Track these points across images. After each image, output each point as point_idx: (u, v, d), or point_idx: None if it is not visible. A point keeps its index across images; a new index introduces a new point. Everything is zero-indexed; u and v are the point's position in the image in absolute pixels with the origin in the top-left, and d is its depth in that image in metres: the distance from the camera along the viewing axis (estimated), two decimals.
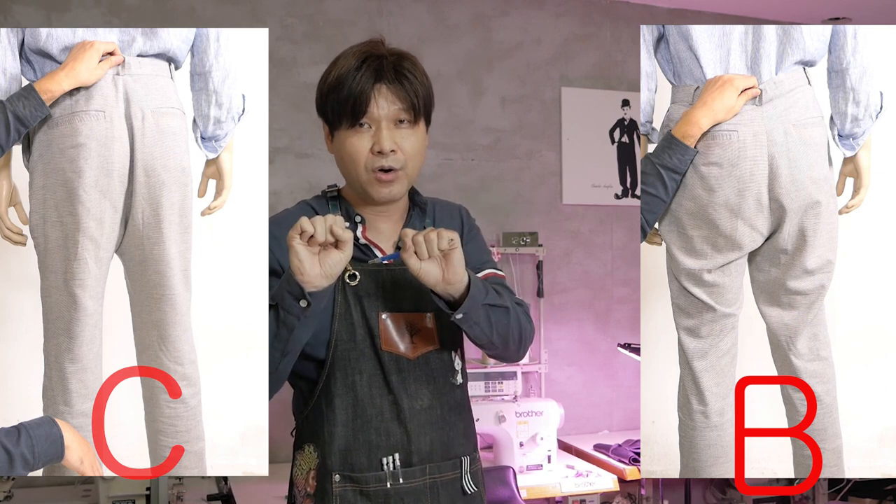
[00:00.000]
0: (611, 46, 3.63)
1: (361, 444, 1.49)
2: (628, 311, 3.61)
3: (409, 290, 1.53)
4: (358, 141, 1.47)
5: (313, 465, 1.50)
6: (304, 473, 1.51)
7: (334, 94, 1.47)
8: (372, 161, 1.47)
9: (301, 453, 1.54)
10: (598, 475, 2.89)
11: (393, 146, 1.47)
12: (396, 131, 1.48)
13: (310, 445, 1.52)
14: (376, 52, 1.48)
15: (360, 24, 3.23)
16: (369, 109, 1.45)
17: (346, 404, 1.49)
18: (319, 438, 1.50)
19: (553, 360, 3.49)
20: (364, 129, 1.47)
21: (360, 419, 1.49)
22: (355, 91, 1.44)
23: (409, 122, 1.50)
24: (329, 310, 1.47)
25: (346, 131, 1.48)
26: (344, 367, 1.49)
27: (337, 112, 1.48)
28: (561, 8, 3.54)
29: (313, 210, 1.58)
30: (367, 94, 1.44)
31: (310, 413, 1.52)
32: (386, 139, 1.45)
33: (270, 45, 2.93)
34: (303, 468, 1.51)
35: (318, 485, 1.49)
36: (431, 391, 1.54)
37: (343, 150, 1.50)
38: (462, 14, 3.40)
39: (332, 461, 1.49)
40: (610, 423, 3.62)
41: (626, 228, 3.63)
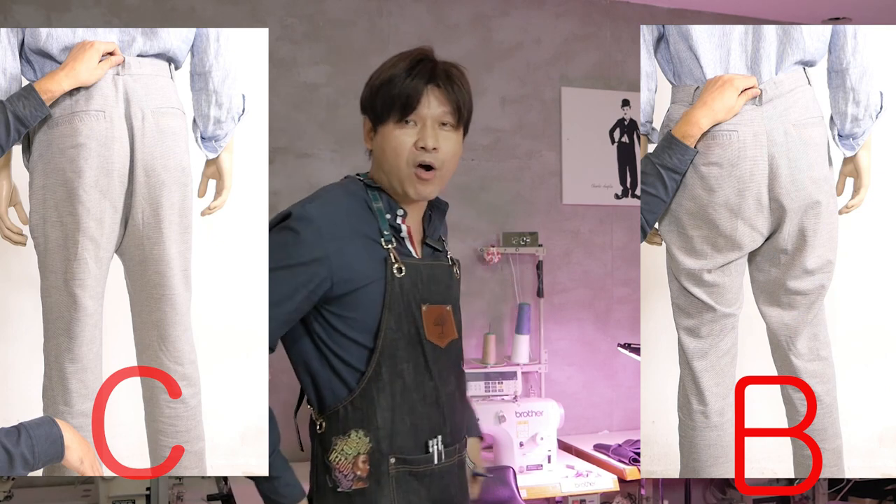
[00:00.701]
0: (611, 46, 3.63)
1: (409, 427, 1.59)
2: (628, 311, 3.61)
3: (439, 284, 1.65)
4: (403, 135, 1.56)
5: (363, 449, 1.57)
6: (348, 458, 1.57)
7: (386, 89, 1.55)
8: (414, 156, 1.55)
9: (344, 438, 1.58)
10: (598, 475, 2.89)
11: (435, 144, 1.56)
12: (440, 132, 1.57)
13: (358, 431, 1.57)
14: (429, 57, 1.58)
15: (360, 24, 3.23)
16: (419, 107, 1.55)
17: (395, 391, 1.57)
18: (371, 423, 1.57)
19: (553, 360, 3.49)
20: (409, 126, 1.56)
21: (406, 404, 1.58)
22: (408, 88, 1.53)
23: (452, 125, 1.59)
24: (378, 300, 1.55)
25: (392, 126, 1.56)
26: (392, 355, 1.56)
27: (387, 107, 1.56)
28: (561, 8, 3.54)
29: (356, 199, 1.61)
30: (418, 93, 1.54)
31: (356, 399, 1.57)
32: (430, 136, 1.55)
33: (270, 45, 2.94)
34: (347, 453, 1.57)
35: (372, 468, 1.57)
36: (455, 376, 1.69)
37: (387, 143, 1.58)
38: (462, 14, 3.40)
39: (387, 445, 1.57)
40: (610, 423, 3.62)
41: (626, 228, 3.63)
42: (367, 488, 1.57)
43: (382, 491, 1.57)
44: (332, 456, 1.58)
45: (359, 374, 1.57)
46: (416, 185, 1.58)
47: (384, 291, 1.55)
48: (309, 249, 1.52)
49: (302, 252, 1.52)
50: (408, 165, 1.56)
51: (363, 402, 1.57)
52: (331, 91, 3.18)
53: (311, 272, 1.52)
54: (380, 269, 1.56)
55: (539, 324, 3.42)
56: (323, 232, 1.51)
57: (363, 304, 1.54)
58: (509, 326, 3.39)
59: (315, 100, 3.17)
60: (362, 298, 1.54)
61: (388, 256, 1.57)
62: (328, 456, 1.59)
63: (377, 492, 1.57)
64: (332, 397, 1.60)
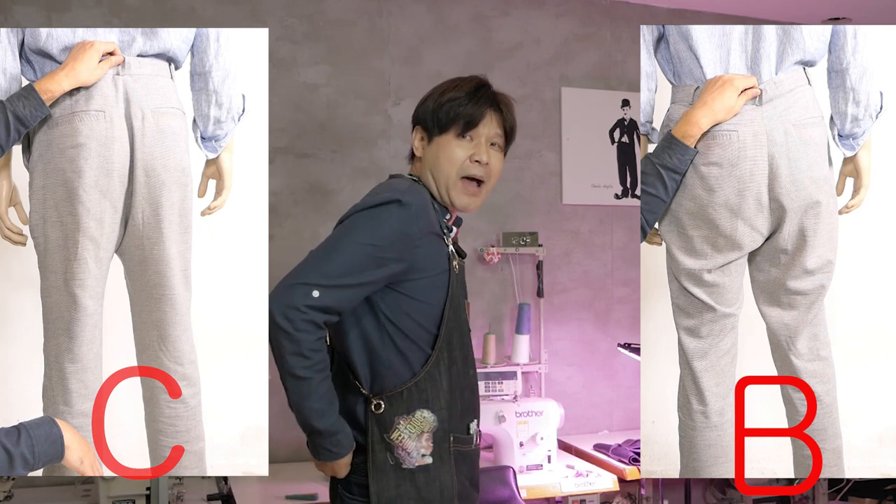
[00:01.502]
0: (611, 46, 3.63)
1: (459, 410, 1.75)
2: (628, 311, 3.61)
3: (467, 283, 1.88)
4: (459, 148, 1.75)
5: (427, 427, 1.69)
6: (415, 436, 1.69)
7: (451, 105, 1.75)
8: (467, 167, 1.75)
9: (411, 417, 1.69)
10: (598, 475, 2.89)
11: (488, 159, 1.76)
12: (490, 150, 1.78)
13: (423, 410, 1.69)
14: (488, 84, 1.80)
15: (360, 24, 3.23)
16: (479, 126, 1.75)
17: (452, 375, 1.73)
18: (436, 404, 1.70)
19: (553, 360, 3.48)
20: (466, 141, 1.75)
21: (458, 388, 1.75)
22: (473, 108, 1.74)
23: (500, 146, 1.81)
24: (443, 290, 1.71)
25: (451, 138, 1.75)
26: (449, 342, 1.73)
27: (451, 121, 1.74)
28: (561, 8, 3.54)
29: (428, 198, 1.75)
30: (482, 113, 1.75)
31: (420, 381, 1.69)
32: (484, 152, 1.76)
33: (270, 45, 2.94)
34: (412, 431, 1.69)
35: (435, 446, 1.70)
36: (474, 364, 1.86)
37: (443, 151, 1.76)
38: (462, 14, 3.40)
39: (448, 425, 1.72)
40: (610, 423, 3.62)
41: (626, 228, 3.62)
42: (430, 465, 1.69)
43: (444, 467, 1.71)
44: (395, 434, 1.68)
45: (424, 356, 1.70)
46: (463, 197, 1.77)
47: (447, 284, 1.72)
48: (406, 232, 1.65)
49: (400, 232, 1.65)
50: (458, 174, 1.75)
51: (427, 384, 1.70)
52: (331, 91, 3.18)
53: (400, 252, 1.65)
54: (444, 262, 1.73)
55: (539, 324, 3.42)
56: (420, 220, 1.67)
57: (430, 292, 1.70)
58: (509, 326, 3.39)
59: (315, 100, 3.17)
60: (430, 286, 1.70)
61: (449, 253, 1.75)
62: (390, 435, 1.68)
63: (440, 468, 1.71)
64: (394, 378, 1.69)
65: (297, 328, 1.56)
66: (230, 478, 2.69)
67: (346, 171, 3.20)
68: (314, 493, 2.58)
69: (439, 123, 1.76)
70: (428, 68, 3.31)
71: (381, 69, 3.23)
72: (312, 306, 1.57)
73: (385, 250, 1.63)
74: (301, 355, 1.57)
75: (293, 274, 1.61)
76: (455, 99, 1.75)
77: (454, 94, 1.76)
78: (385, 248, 1.63)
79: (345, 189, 3.18)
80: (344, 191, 3.18)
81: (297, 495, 2.58)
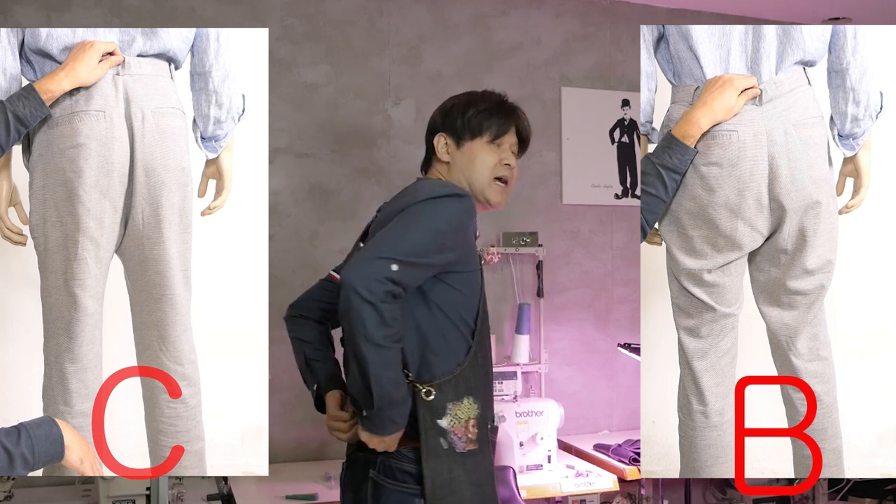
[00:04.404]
0: (611, 46, 3.62)
1: (488, 400, 1.85)
2: (628, 311, 3.61)
3: None
4: (491, 153, 1.90)
5: (472, 414, 1.77)
6: (462, 422, 1.76)
7: (483, 115, 1.91)
8: (498, 170, 1.91)
9: (458, 404, 1.76)
10: (598, 475, 2.89)
11: (514, 163, 1.94)
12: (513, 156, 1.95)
13: (468, 397, 1.77)
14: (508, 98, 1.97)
15: (360, 24, 3.23)
16: (507, 135, 1.92)
17: (486, 366, 1.84)
18: (478, 392, 1.79)
19: (553, 360, 3.48)
20: (495, 146, 1.91)
21: (488, 379, 1.86)
22: (503, 119, 1.92)
23: (519, 153, 1.98)
24: (478, 286, 1.83)
25: (483, 143, 1.90)
26: (482, 336, 1.83)
27: (483, 127, 1.90)
28: (561, 8, 3.54)
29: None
30: (510, 124, 1.93)
31: (465, 370, 1.78)
32: (511, 157, 1.93)
33: (270, 45, 2.93)
34: (460, 417, 1.76)
35: (479, 432, 1.78)
36: None
37: (476, 155, 1.90)
38: (462, 14, 3.40)
39: (487, 413, 1.82)
40: (610, 423, 3.62)
41: (626, 228, 3.62)
42: (476, 449, 1.77)
43: (485, 453, 1.80)
44: (447, 420, 1.75)
45: (466, 346, 1.80)
46: (497, 193, 1.92)
47: (481, 281, 1.85)
48: (465, 224, 1.77)
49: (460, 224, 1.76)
50: (490, 176, 1.90)
51: (470, 372, 1.79)
52: (331, 91, 3.18)
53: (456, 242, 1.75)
54: (477, 260, 1.86)
55: (539, 324, 3.42)
56: (474, 216, 1.80)
57: (470, 285, 1.80)
58: (509, 326, 3.39)
59: (315, 100, 3.17)
60: (470, 280, 1.80)
61: (481, 253, 1.87)
62: (442, 420, 1.75)
63: (483, 453, 1.79)
64: (442, 366, 1.76)
65: (381, 299, 1.60)
66: (230, 478, 2.69)
67: (345, 171, 3.20)
68: (314, 493, 2.58)
69: (471, 130, 1.91)
70: (428, 68, 3.31)
71: (381, 69, 3.23)
72: (392, 279, 1.62)
73: (447, 237, 1.73)
74: (385, 324, 1.61)
75: (370, 250, 1.67)
76: (487, 110, 1.92)
77: (485, 106, 1.93)
78: (447, 235, 1.73)
79: (345, 189, 3.18)
80: (344, 191, 3.18)
81: (297, 495, 2.58)
